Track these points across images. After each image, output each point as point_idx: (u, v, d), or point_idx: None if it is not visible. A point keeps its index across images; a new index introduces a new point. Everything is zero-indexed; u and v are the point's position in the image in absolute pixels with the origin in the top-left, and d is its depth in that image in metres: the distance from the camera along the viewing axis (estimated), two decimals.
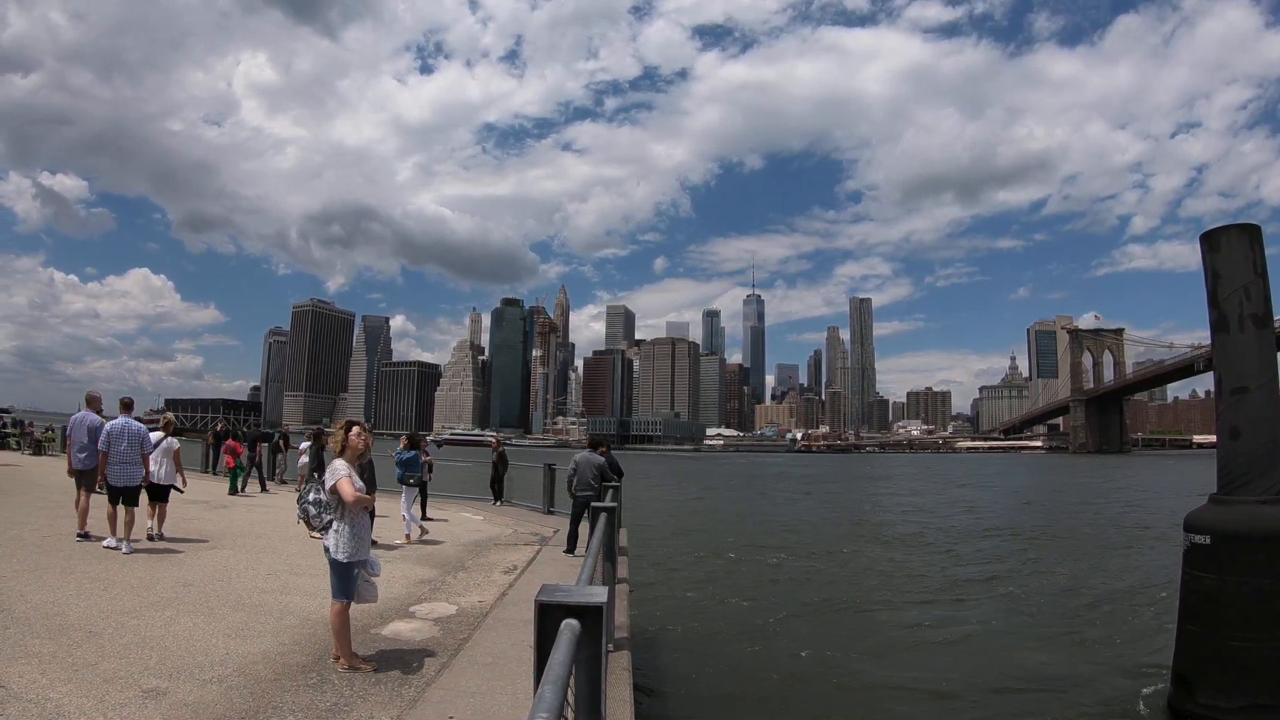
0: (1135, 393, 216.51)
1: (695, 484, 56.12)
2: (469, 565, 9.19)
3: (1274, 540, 7.36)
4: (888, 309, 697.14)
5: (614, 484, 10.17)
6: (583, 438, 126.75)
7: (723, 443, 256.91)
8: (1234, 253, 8.37)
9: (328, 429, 13.14)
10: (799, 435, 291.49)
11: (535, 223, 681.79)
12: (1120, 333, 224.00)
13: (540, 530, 12.37)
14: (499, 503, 16.24)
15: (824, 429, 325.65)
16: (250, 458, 17.99)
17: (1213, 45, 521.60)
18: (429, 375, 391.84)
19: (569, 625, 2.05)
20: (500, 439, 22.40)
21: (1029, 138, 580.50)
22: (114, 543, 8.87)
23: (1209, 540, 7.65)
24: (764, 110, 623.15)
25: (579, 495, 10.19)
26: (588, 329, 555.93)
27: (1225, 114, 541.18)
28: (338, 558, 5.12)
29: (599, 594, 2.24)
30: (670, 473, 73.56)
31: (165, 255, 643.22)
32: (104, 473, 8.99)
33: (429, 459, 14.01)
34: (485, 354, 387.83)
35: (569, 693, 1.92)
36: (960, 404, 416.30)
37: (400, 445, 12.08)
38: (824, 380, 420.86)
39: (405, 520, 11.18)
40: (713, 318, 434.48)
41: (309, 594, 7.05)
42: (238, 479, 16.82)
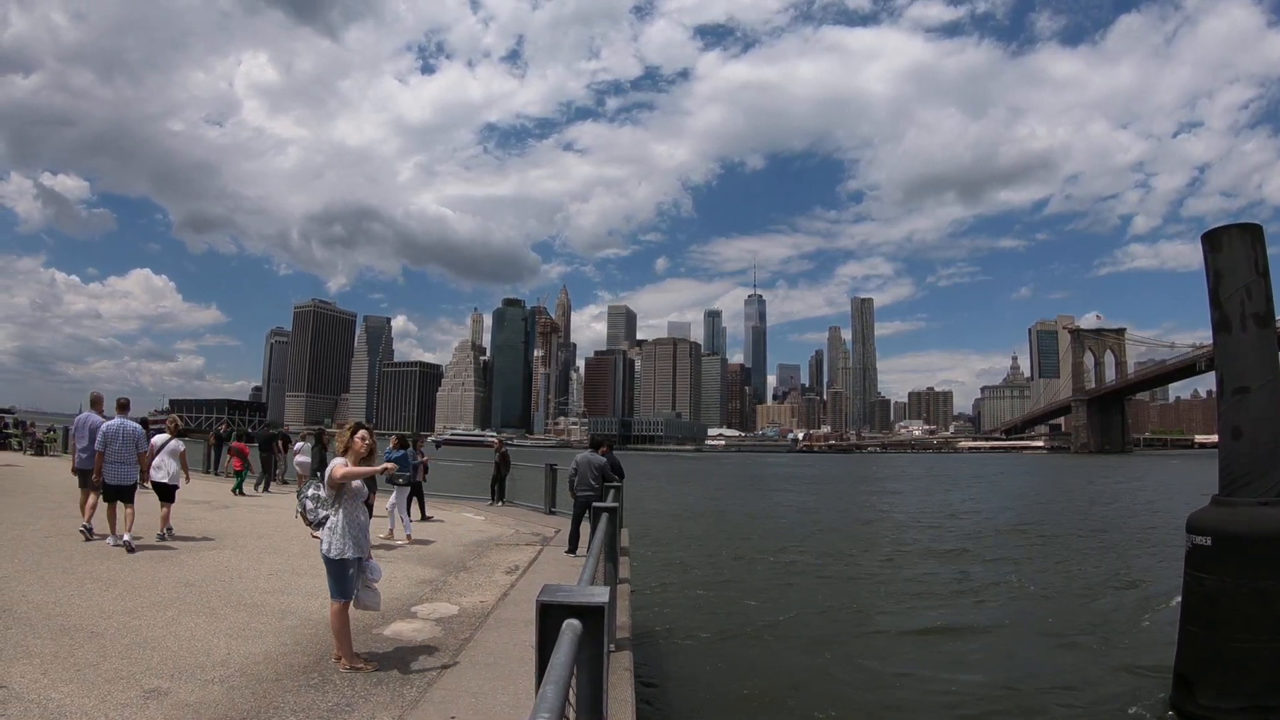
0: (1137, 392, 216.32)
1: (697, 484, 56.08)
2: (470, 565, 9.20)
3: (1274, 542, 7.35)
4: (889, 309, 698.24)
5: (615, 484, 10.17)
6: (584, 438, 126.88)
7: (724, 443, 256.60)
8: (1236, 252, 8.35)
9: (329, 429, 13.17)
10: (800, 435, 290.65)
11: (537, 223, 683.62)
12: (1122, 332, 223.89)
13: (542, 530, 12.37)
14: (500, 503, 16.26)
15: (825, 429, 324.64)
16: (265, 458, 18.01)
17: (1215, 44, 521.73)
18: (430, 376, 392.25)
19: (570, 625, 2.06)
20: (502, 439, 22.45)
21: (1031, 137, 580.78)
22: (115, 541, 8.97)
23: (1210, 541, 7.63)
24: (765, 110, 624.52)
25: (580, 495, 10.19)
26: (589, 329, 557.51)
27: (1227, 113, 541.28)
28: (328, 555, 5.13)
29: (600, 594, 2.24)
30: (672, 473, 73.52)
31: (166, 256, 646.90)
32: (100, 472, 9.11)
33: (424, 459, 14.05)
34: (487, 354, 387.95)
35: (570, 693, 1.93)
36: (962, 404, 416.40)
37: (390, 445, 12.12)
38: (825, 380, 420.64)
39: (404, 521, 11.12)
40: (714, 318, 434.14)
41: (310, 594, 7.06)
42: (243, 480, 16.84)
